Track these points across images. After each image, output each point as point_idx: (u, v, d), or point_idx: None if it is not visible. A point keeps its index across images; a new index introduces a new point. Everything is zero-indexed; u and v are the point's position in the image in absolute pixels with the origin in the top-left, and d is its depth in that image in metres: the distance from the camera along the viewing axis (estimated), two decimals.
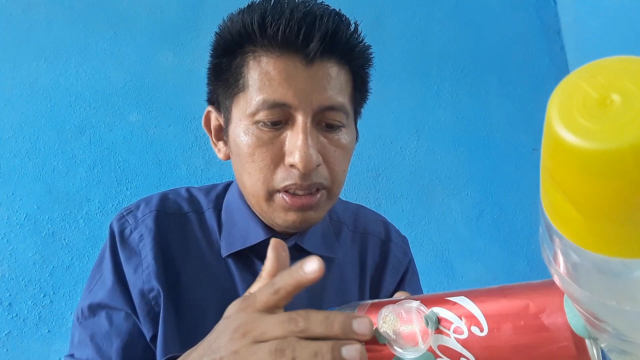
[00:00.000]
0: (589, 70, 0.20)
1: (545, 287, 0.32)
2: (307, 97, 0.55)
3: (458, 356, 0.33)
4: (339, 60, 0.58)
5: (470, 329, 0.33)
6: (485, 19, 1.96)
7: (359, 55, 0.60)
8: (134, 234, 0.62)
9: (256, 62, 0.56)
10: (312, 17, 0.54)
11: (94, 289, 0.62)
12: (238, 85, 0.57)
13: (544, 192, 0.23)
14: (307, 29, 0.54)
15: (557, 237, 0.22)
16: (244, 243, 0.63)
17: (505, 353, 0.32)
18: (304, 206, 0.57)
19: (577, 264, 0.22)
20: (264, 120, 0.55)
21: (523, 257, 1.74)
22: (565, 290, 0.25)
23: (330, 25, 0.55)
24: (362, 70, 0.62)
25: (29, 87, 1.36)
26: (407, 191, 1.67)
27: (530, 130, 1.86)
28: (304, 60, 0.55)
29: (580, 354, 0.30)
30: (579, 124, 0.19)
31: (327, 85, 0.56)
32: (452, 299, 0.34)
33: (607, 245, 0.20)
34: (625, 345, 0.27)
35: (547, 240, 0.24)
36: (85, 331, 0.59)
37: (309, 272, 0.37)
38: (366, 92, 0.66)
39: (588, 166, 0.18)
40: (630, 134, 0.17)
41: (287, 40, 0.54)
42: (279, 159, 0.56)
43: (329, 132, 0.58)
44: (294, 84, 0.55)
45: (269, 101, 0.55)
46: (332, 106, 0.57)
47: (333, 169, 0.59)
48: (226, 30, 0.58)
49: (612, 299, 0.22)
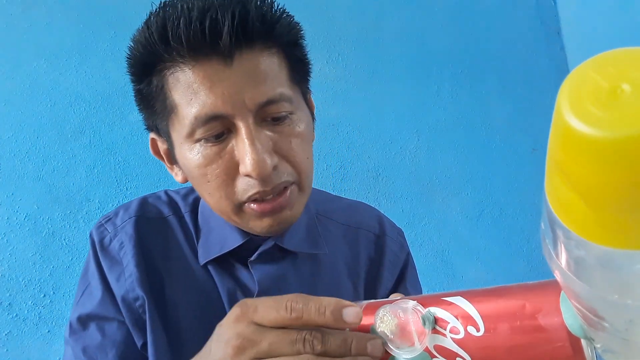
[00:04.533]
0: (599, 61, 0.20)
1: (541, 288, 0.32)
2: (240, 99, 0.49)
3: (454, 356, 0.33)
4: (262, 46, 0.51)
5: (467, 329, 0.33)
6: (485, 19, 1.96)
7: (282, 31, 0.53)
8: (113, 242, 0.61)
9: (174, 79, 0.51)
10: (212, 10, 0.48)
11: (81, 300, 0.60)
12: (166, 108, 0.53)
13: (549, 185, 0.23)
14: (210, 23, 0.47)
15: (561, 231, 0.23)
16: (222, 249, 0.61)
17: (502, 353, 0.32)
18: (275, 208, 0.54)
19: (579, 258, 0.22)
20: (204, 136, 0.51)
21: (523, 257, 1.74)
22: (566, 285, 0.25)
23: (235, 11, 0.48)
24: (292, 46, 0.56)
25: (29, 87, 1.37)
26: (407, 191, 1.67)
27: (530, 130, 1.86)
28: (222, 60, 0.49)
29: (576, 354, 0.30)
30: (589, 112, 0.19)
31: (257, 79, 0.50)
32: (449, 299, 0.34)
33: (612, 236, 0.20)
34: (620, 345, 0.27)
35: (549, 235, 0.24)
36: (77, 345, 0.57)
37: (348, 320, 0.36)
38: (306, 67, 0.59)
39: (598, 154, 0.18)
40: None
41: (195, 44, 0.48)
42: (234, 171, 0.52)
43: (277, 125, 0.53)
44: (220, 90, 0.49)
45: (201, 116, 0.50)
46: (270, 100, 0.51)
47: (295, 161, 0.54)
48: (133, 53, 0.53)
49: (614, 292, 0.22)
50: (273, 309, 0.36)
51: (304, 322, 0.36)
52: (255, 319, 0.37)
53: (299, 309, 0.35)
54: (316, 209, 0.71)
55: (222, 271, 0.61)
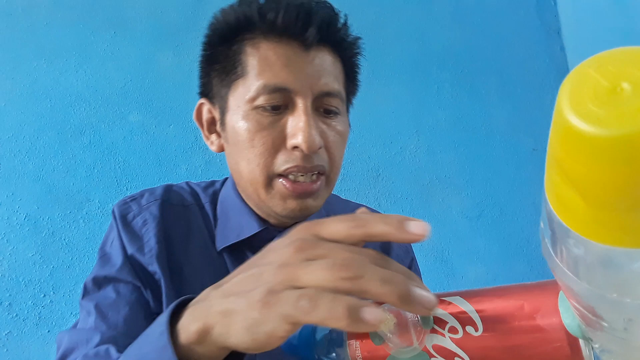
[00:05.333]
0: (599, 60, 0.20)
1: (540, 288, 0.32)
2: (307, 82, 0.56)
3: (452, 356, 0.33)
4: (333, 49, 0.60)
5: (465, 328, 0.33)
6: (485, 19, 1.96)
7: (350, 45, 0.62)
8: (137, 219, 0.63)
9: (255, 49, 0.57)
10: (308, 6, 0.57)
11: (97, 266, 0.61)
12: (236, 72, 0.58)
13: (549, 184, 0.23)
14: (305, 16, 0.56)
15: (560, 229, 0.23)
16: (238, 236, 0.63)
17: (500, 353, 0.32)
18: (305, 192, 0.57)
19: (579, 256, 0.23)
20: (264, 104, 0.56)
21: (523, 257, 1.74)
22: (565, 284, 0.25)
23: (325, 15, 0.58)
24: (353, 60, 0.64)
25: (29, 87, 1.37)
26: (407, 191, 1.67)
27: (530, 130, 1.86)
28: (302, 46, 0.57)
29: (574, 354, 0.30)
30: (590, 111, 0.19)
31: (325, 71, 0.58)
32: (448, 299, 0.34)
33: (612, 235, 0.20)
34: (618, 345, 0.27)
35: (548, 234, 0.24)
36: (90, 303, 0.57)
37: (413, 231, 0.30)
38: (356, 83, 0.67)
39: (598, 152, 0.18)
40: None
41: (286, 26, 0.56)
42: (280, 143, 0.56)
43: (327, 118, 0.59)
44: (293, 69, 0.56)
45: (270, 85, 0.55)
46: (330, 92, 0.58)
47: (332, 153, 0.60)
48: (222, 20, 0.59)
49: (613, 291, 0.22)
50: (337, 220, 0.33)
51: (368, 230, 0.32)
52: (318, 230, 0.34)
53: (365, 218, 0.32)
54: (327, 211, 0.72)
55: (235, 260, 0.63)
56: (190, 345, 0.34)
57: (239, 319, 0.31)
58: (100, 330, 0.53)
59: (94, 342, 0.52)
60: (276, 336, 0.30)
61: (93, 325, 0.55)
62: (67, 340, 0.54)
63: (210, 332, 0.33)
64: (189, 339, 0.34)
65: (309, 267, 0.30)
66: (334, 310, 0.28)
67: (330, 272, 0.29)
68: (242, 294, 0.32)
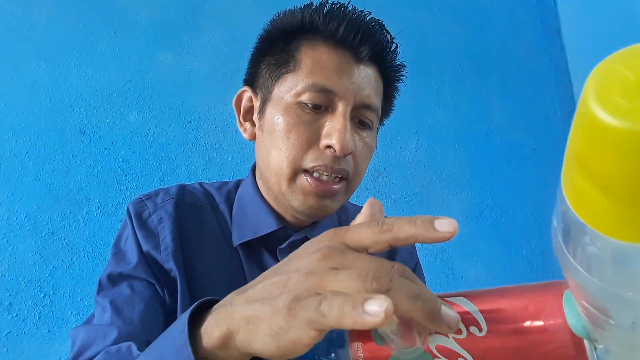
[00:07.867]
0: (626, 55, 0.20)
1: (544, 288, 0.32)
2: (352, 90, 0.60)
3: (456, 356, 0.33)
4: (379, 69, 0.65)
5: (469, 329, 0.33)
6: (485, 19, 1.96)
7: (396, 69, 0.68)
8: (152, 217, 0.64)
9: (311, 49, 0.61)
10: (369, 25, 0.62)
11: (111, 263, 0.61)
12: (288, 66, 0.61)
13: (567, 180, 0.23)
14: (364, 32, 0.61)
15: (576, 227, 0.22)
16: (256, 233, 0.64)
17: (504, 353, 0.32)
18: (326, 192, 0.59)
19: (594, 254, 0.22)
20: (308, 101, 0.59)
21: (523, 257, 1.74)
22: (576, 282, 0.25)
23: (382, 37, 0.63)
24: (394, 84, 0.70)
25: (29, 87, 1.36)
26: (407, 191, 1.67)
27: (530, 130, 1.86)
28: (354, 58, 0.62)
29: (578, 355, 0.30)
30: (617, 104, 0.19)
31: (369, 85, 0.62)
32: (451, 299, 0.34)
33: (629, 231, 0.20)
34: (623, 346, 0.27)
35: (561, 232, 0.24)
36: (105, 299, 0.58)
37: (443, 230, 0.30)
38: (392, 107, 0.72)
39: (624, 146, 0.18)
40: None
41: (345, 37, 0.61)
42: (314, 141, 0.59)
43: (360, 129, 0.63)
44: (342, 75, 0.60)
45: (318, 85, 0.59)
46: (370, 105, 0.62)
47: (358, 163, 0.63)
48: (286, 19, 0.63)
49: (629, 289, 0.22)
50: (363, 226, 0.33)
51: (395, 234, 0.31)
52: (346, 238, 0.33)
53: (391, 222, 0.32)
54: (338, 215, 0.75)
55: (250, 257, 0.65)
56: (213, 349, 0.34)
57: (264, 325, 0.31)
58: (116, 326, 0.55)
59: (112, 338, 0.53)
60: (302, 343, 0.30)
61: (109, 321, 0.56)
62: (84, 335, 0.55)
63: (233, 338, 0.33)
64: (211, 343, 0.34)
65: (337, 276, 0.30)
66: (342, 309, 0.27)
67: (359, 283, 0.29)
68: (267, 301, 0.31)
